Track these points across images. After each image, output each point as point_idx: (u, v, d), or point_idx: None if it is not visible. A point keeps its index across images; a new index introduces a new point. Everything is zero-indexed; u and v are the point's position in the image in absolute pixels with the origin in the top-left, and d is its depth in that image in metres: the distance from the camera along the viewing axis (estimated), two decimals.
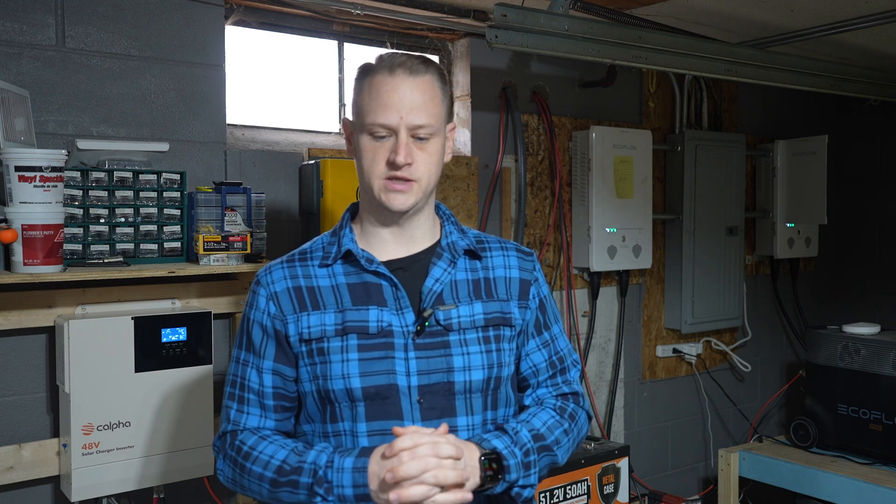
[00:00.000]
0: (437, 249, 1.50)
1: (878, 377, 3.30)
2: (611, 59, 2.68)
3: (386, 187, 1.41)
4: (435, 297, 1.45)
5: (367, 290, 1.44)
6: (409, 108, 1.40)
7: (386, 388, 1.39)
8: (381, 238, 1.49)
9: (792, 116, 4.28)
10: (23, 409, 2.20)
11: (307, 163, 2.68)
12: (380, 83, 1.41)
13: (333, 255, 1.47)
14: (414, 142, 1.41)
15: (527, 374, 1.56)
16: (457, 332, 1.44)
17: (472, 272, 1.51)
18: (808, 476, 3.28)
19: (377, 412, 1.40)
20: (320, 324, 1.43)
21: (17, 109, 2.08)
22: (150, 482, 2.20)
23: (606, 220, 3.32)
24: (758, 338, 4.14)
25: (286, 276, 1.48)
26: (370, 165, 1.42)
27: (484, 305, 1.47)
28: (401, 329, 1.42)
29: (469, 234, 1.55)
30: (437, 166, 1.46)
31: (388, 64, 1.42)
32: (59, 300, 2.17)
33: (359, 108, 1.45)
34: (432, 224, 1.53)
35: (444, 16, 2.88)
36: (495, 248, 1.55)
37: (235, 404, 1.49)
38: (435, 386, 1.41)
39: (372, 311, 1.42)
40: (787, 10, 2.89)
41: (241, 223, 2.32)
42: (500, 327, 1.48)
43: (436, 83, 1.45)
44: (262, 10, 2.71)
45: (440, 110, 1.46)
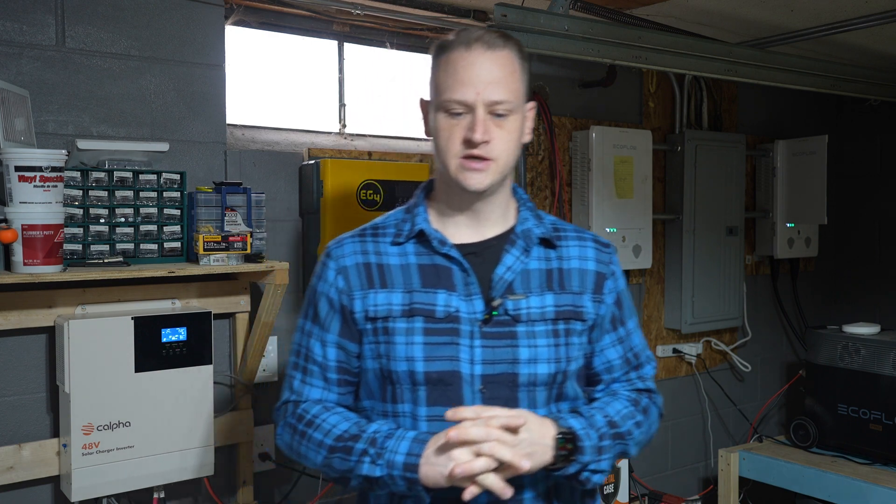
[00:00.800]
0: (510, 236, 1.45)
1: (878, 377, 3.30)
2: (611, 59, 2.67)
3: (462, 166, 1.37)
4: (505, 285, 1.41)
5: (436, 272, 1.41)
6: (486, 83, 1.35)
7: (449, 375, 1.37)
8: (454, 220, 1.45)
9: (792, 116, 4.28)
10: (23, 409, 2.20)
11: (307, 163, 2.68)
12: (456, 59, 1.36)
13: (406, 234, 1.44)
14: (491, 119, 1.36)
15: (600, 369, 1.53)
16: (525, 323, 1.40)
17: (545, 262, 1.46)
18: (808, 476, 3.28)
19: (438, 397, 1.37)
20: (387, 303, 1.41)
21: (17, 109, 2.08)
22: (150, 482, 2.20)
23: (606, 220, 3.32)
24: (758, 338, 4.14)
25: (357, 250, 1.46)
26: (446, 144, 1.38)
27: (555, 297, 1.43)
28: (468, 316, 1.39)
29: (546, 221, 1.50)
30: (516, 145, 1.41)
31: (465, 39, 1.37)
32: (59, 300, 2.17)
33: (435, 85, 1.40)
34: (507, 208, 1.48)
35: (444, 16, 2.88)
36: (572, 237, 1.51)
37: (299, 374, 1.49)
38: (499, 376, 1.37)
39: (440, 294, 1.40)
40: (787, 10, 2.89)
41: (241, 223, 2.32)
42: (571, 321, 1.44)
43: (515, 58, 1.40)
44: (262, 10, 2.71)
45: (519, 86, 1.40)
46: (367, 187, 2.62)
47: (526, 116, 1.45)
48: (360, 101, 3.01)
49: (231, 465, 2.53)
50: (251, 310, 2.50)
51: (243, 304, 2.49)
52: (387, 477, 1.32)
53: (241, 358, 2.50)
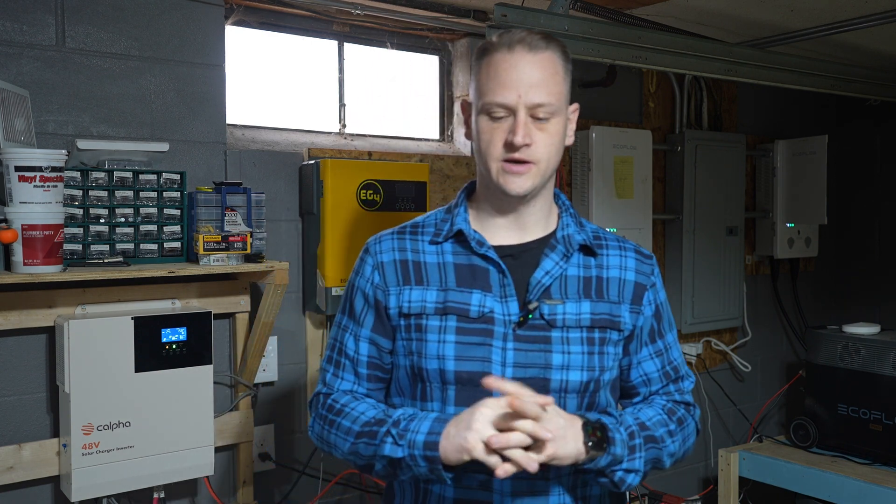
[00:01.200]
0: (551, 241, 1.44)
1: (878, 377, 3.30)
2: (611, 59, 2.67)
3: (503, 170, 1.36)
4: (543, 289, 1.40)
5: (473, 272, 1.41)
6: (527, 85, 1.33)
7: (479, 376, 1.34)
8: (494, 222, 1.45)
9: (792, 116, 4.28)
10: (23, 409, 2.20)
11: (307, 163, 2.68)
12: (498, 61, 1.35)
13: (445, 233, 1.44)
14: (533, 122, 1.35)
15: (637, 382, 1.51)
16: (560, 329, 1.39)
17: (584, 269, 1.45)
18: (808, 476, 3.27)
19: (467, 398, 1.35)
20: (421, 300, 1.41)
21: (17, 109, 2.08)
22: (150, 482, 2.20)
23: (606, 220, 3.32)
24: (758, 338, 4.14)
25: (395, 247, 1.46)
26: (487, 147, 1.37)
27: (592, 305, 1.42)
28: (503, 317, 1.38)
29: (587, 229, 1.49)
30: (558, 148, 1.40)
31: (508, 41, 1.36)
32: (59, 300, 2.17)
33: (477, 88, 1.40)
34: (549, 212, 1.47)
35: (444, 16, 2.88)
36: (613, 246, 1.49)
37: (332, 368, 1.50)
38: (530, 381, 1.34)
39: (475, 294, 1.39)
40: (787, 10, 2.89)
41: (241, 223, 2.32)
42: (607, 330, 1.43)
43: (557, 60, 1.39)
44: (262, 10, 2.71)
45: (561, 88, 1.39)
46: (366, 187, 2.62)
47: (569, 119, 1.44)
48: (360, 101, 3.01)
49: (231, 465, 2.53)
50: (251, 310, 2.50)
51: (243, 304, 2.49)
52: (408, 457, 1.31)
53: (241, 358, 2.50)
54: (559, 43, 1.40)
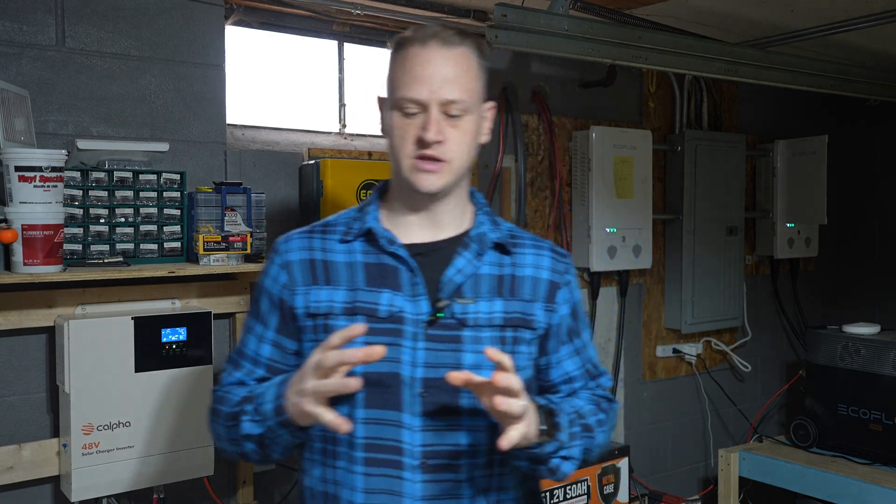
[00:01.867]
0: (464, 239, 1.41)
1: (878, 377, 3.30)
2: (611, 59, 2.68)
3: (415, 167, 1.33)
4: (454, 288, 1.37)
5: (382, 271, 1.37)
6: (440, 81, 1.31)
7: (388, 377, 1.32)
8: (406, 220, 1.42)
9: (792, 116, 4.28)
10: (23, 409, 2.20)
11: (307, 163, 2.68)
12: (412, 56, 1.33)
13: (355, 232, 1.41)
14: (446, 119, 1.32)
15: (558, 381, 1.49)
16: (471, 328, 1.36)
17: (498, 267, 1.42)
18: (808, 476, 3.27)
19: (376, 400, 1.33)
20: (329, 300, 1.37)
21: (17, 109, 2.08)
22: (150, 482, 2.20)
23: (606, 220, 3.32)
24: (758, 338, 4.14)
25: (303, 246, 1.42)
26: (399, 143, 1.34)
27: (505, 304, 1.39)
28: (413, 317, 1.35)
29: (502, 227, 1.47)
30: (471, 146, 1.37)
31: (421, 36, 1.33)
32: (59, 300, 2.17)
33: (390, 82, 1.37)
34: (463, 211, 1.44)
35: (444, 16, 2.88)
36: (528, 245, 1.47)
37: (229, 367, 1.48)
38: (440, 381, 1.30)
39: (384, 294, 1.36)
40: (787, 10, 2.89)
41: (241, 223, 2.32)
42: (520, 329, 1.40)
43: (472, 56, 1.35)
44: (262, 10, 2.71)
45: (475, 85, 1.36)
46: (366, 187, 2.62)
47: (484, 117, 1.41)
48: (360, 101, 3.01)
49: (231, 465, 2.53)
50: None
51: (243, 304, 2.49)
52: (267, 430, 1.30)
53: None
54: (475, 39, 1.38)
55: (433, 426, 1.34)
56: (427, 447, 1.33)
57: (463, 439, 1.35)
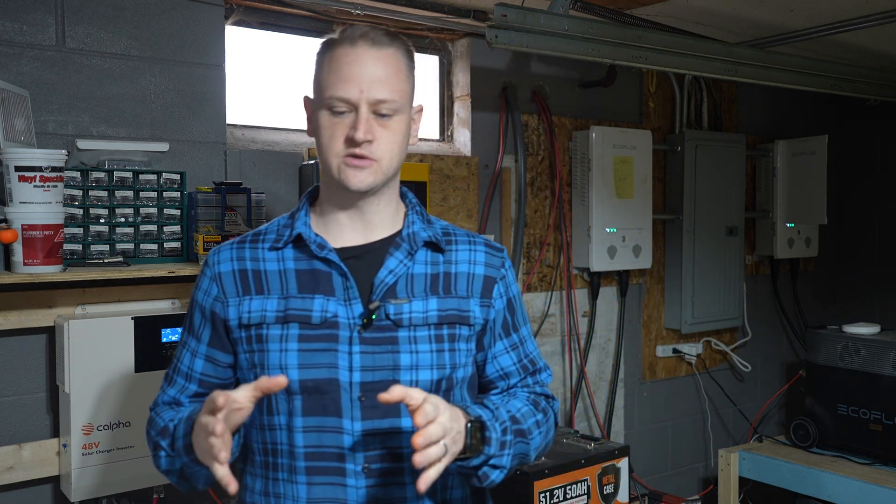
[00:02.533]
0: (395, 239, 1.41)
1: (878, 377, 3.30)
2: (611, 59, 2.68)
3: (345, 164, 1.32)
4: (386, 289, 1.36)
5: (314, 277, 1.36)
6: (370, 81, 1.30)
7: (325, 383, 1.31)
8: (338, 223, 1.40)
9: (792, 116, 4.28)
10: (23, 409, 2.20)
11: (307, 163, 2.68)
12: (340, 55, 1.32)
13: (285, 239, 1.39)
14: (375, 118, 1.32)
15: (494, 377, 1.48)
16: (407, 328, 1.35)
17: (431, 265, 1.41)
18: (808, 476, 3.27)
19: (314, 407, 1.32)
20: (261, 309, 1.35)
21: (17, 109, 2.08)
22: (150, 482, 2.20)
23: (606, 220, 3.32)
24: (758, 338, 4.14)
25: (233, 257, 1.41)
26: (328, 143, 1.33)
27: (440, 302, 1.38)
28: (347, 321, 1.33)
29: (435, 226, 1.46)
30: (401, 147, 1.37)
31: (350, 36, 1.33)
32: (59, 300, 2.17)
33: (318, 83, 1.36)
34: (395, 211, 1.44)
35: (444, 16, 2.88)
36: (462, 241, 1.46)
37: (164, 384, 1.47)
38: (379, 384, 1.30)
39: (317, 300, 1.34)
40: (787, 10, 2.89)
41: (241, 223, 2.32)
42: (456, 325, 1.39)
43: (401, 57, 1.35)
44: (262, 10, 2.71)
45: (405, 86, 1.36)
46: None
47: (413, 119, 1.41)
48: None
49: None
50: None
51: None
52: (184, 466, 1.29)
53: None
54: (403, 42, 1.38)
55: (374, 430, 1.33)
56: (369, 452, 1.33)
57: (405, 441, 1.33)
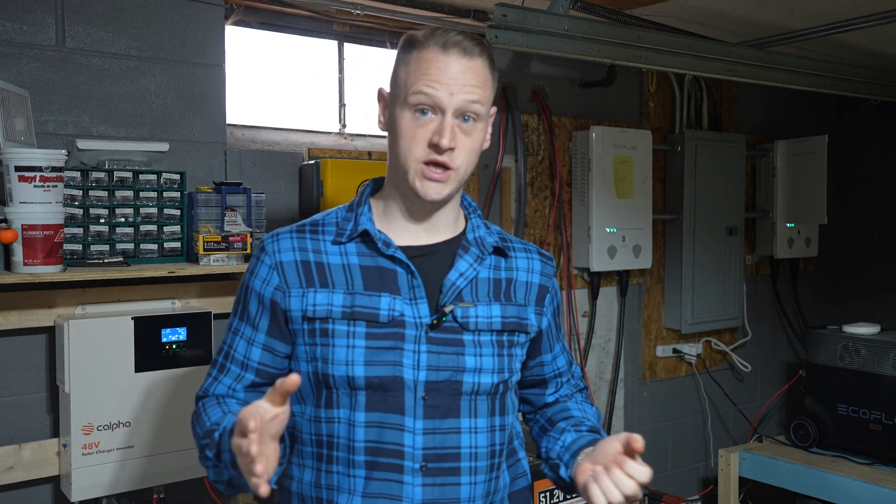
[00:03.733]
0: (462, 241, 1.41)
1: (878, 377, 3.30)
2: (611, 59, 2.67)
3: (422, 173, 1.31)
4: (457, 292, 1.37)
5: (380, 275, 1.36)
6: (460, 86, 1.30)
7: (390, 380, 1.32)
8: (402, 221, 1.40)
9: (792, 116, 4.28)
10: (23, 409, 2.20)
11: (307, 163, 2.68)
12: (430, 58, 1.31)
13: (348, 234, 1.38)
14: (458, 125, 1.32)
15: (550, 376, 1.55)
16: (472, 332, 1.37)
17: (495, 271, 1.43)
18: (808, 476, 3.27)
19: (378, 403, 1.32)
20: (327, 303, 1.34)
21: (17, 109, 2.08)
22: (150, 482, 2.20)
23: (606, 220, 3.32)
24: (758, 338, 4.14)
25: (294, 246, 1.38)
26: (409, 145, 1.32)
27: (502, 308, 1.41)
28: (413, 320, 1.34)
29: (493, 231, 1.48)
30: (476, 155, 1.37)
31: (442, 41, 1.31)
32: (59, 300, 2.17)
33: (402, 79, 1.33)
34: (457, 214, 1.44)
35: (444, 16, 2.88)
36: (519, 248, 1.48)
37: (215, 372, 1.44)
38: (442, 384, 1.33)
39: (384, 298, 1.34)
40: (787, 10, 2.89)
41: (241, 223, 2.32)
42: (516, 333, 1.42)
43: (487, 67, 1.36)
44: (262, 10, 2.71)
45: (489, 95, 1.37)
46: None
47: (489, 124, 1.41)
48: (360, 101, 3.01)
49: None
50: None
51: None
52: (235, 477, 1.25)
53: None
54: (489, 51, 1.38)
55: (434, 429, 1.34)
56: (428, 450, 1.33)
57: (463, 441, 1.36)
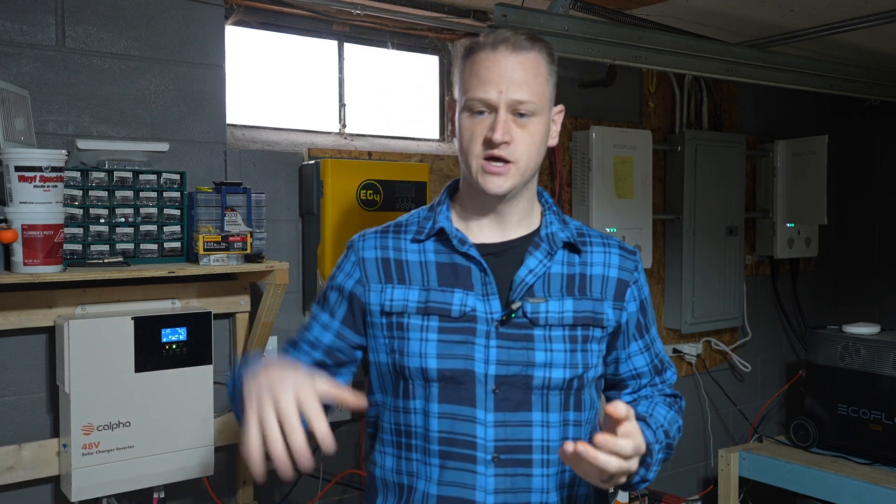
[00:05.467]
0: (534, 238, 1.45)
1: (878, 377, 3.30)
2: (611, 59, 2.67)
3: (483, 168, 1.37)
4: (526, 287, 1.40)
5: (454, 271, 1.41)
6: (508, 83, 1.34)
7: (462, 373, 1.37)
8: (476, 220, 1.45)
9: (792, 116, 4.28)
10: (23, 409, 2.20)
11: (307, 163, 2.68)
12: (482, 59, 1.37)
13: (427, 232, 1.45)
14: (514, 120, 1.36)
15: (627, 376, 1.54)
16: (542, 327, 1.40)
17: (568, 266, 1.45)
18: (808, 476, 3.27)
19: (450, 395, 1.38)
20: (403, 298, 1.42)
21: (17, 109, 2.08)
22: (150, 482, 2.20)
23: (606, 220, 3.32)
24: (758, 338, 4.14)
25: (377, 245, 1.47)
26: (468, 144, 1.38)
27: (575, 303, 1.42)
28: (485, 315, 1.39)
29: (570, 226, 1.50)
30: (539, 148, 1.40)
31: (492, 41, 1.37)
32: (59, 300, 2.17)
33: (461, 85, 1.41)
34: (531, 210, 1.47)
35: (444, 16, 2.88)
36: (597, 242, 1.50)
37: (289, 349, 1.54)
38: (512, 378, 1.37)
39: (457, 293, 1.40)
40: (787, 10, 2.89)
41: (241, 223, 2.32)
42: (590, 327, 1.43)
43: (542, 61, 1.39)
44: (262, 10, 2.71)
45: (544, 89, 1.39)
46: (367, 187, 2.62)
47: (553, 120, 1.44)
48: (360, 101, 3.01)
49: (231, 465, 2.53)
50: (251, 310, 2.50)
51: (243, 304, 2.49)
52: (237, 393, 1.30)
53: (241, 358, 2.50)
54: (545, 44, 1.41)
55: (505, 422, 1.38)
56: (499, 442, 1.37)
57: (535, 434, 1.39)
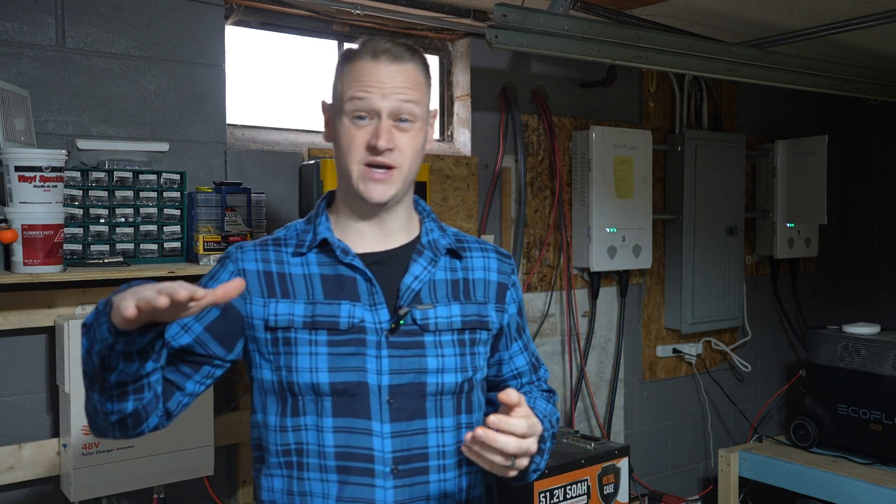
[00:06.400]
0: (417, 246, 1.45)
1: (878, 377, 3.30)
2: (611, 59, 2.68)
3: (365, 175, 1.36)
4: (413, 294, 1.40)
5: (340, 282, 1.39)
6: (392, 89, 1.35)
7: (355, 386, 1.35)
8: (357, 229, 1.43)
9: (792, 116, 4.28)
10: (23, 409, 2.20)
11: (307, 163, 2.68)
12: (363, 66, 1.37)
13: (308, 244, 1.41)
14: (395, 125, 1.36)
15: (508, 376, 1.55)
16: (432, 333, 1.40)
17: (451, 272, 1.46)
18: (808, 476, 3.28)
19: (344, 409, 1.35)
20: (289, 313, 1.37)
21: (17, 109, 2.08)
22: (150, 482, 2.20)
23: (606, 220, 3.32)
24: (758, 338, 4.14)
25: (258, 258, 1.42)
26: (348, 149, 1.37)
27: (462, 307, 1.44)
28: (374, 326, 1.37)
29: (448, 232, 1.51)
30: (419, 154, 1.41)
31: (372, 49, 1.37)
32: (59, 300, 2.17)
33: (339, 90, 1.41)
34: (410, 218, 1.48)
35: (444, 16, 2.88)
36: (475, 248, 1.51)
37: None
38: (406, 386, 1.36)
39: (344, 305, 1.37)
40: (787, 10, 2.89)
41: (241, 223, 2.32)
42: (477, 331, 1.45)
43: (419, 71, 1.41)
44: (262, 10, 2.71)
45: (423, 96, 1.41)
46: None
47: (429, 125, 1.45)
48: None
49: (231, 465, 2.53)
50: None
51: None
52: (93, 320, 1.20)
53: None
54: (421, 55, 1.43)
55: (402, 432, 1.36)
56: (397, 453, 1.36)
57: (430, 441, 1.39)
